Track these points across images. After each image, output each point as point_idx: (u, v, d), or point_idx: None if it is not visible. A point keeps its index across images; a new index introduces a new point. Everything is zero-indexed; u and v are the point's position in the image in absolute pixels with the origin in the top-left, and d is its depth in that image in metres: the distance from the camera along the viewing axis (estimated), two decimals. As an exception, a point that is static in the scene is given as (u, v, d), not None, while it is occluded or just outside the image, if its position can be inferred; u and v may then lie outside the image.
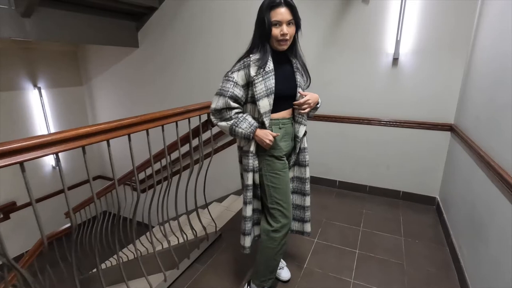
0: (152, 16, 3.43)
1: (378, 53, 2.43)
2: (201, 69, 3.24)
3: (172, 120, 1.50)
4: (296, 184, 1.48)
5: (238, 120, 1.28)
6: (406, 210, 2.49)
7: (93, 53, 4.21)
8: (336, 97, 2.66)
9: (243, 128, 1.27)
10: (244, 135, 1.27)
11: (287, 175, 1.38)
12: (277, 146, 1.33)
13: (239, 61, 1.30)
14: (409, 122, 2.46)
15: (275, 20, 1.20)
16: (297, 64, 1.34)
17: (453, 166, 2.23)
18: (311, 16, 2.57)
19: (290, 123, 1.36)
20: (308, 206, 1.48)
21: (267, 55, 1.25)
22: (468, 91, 2.05)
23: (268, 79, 1.24)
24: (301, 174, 1.45)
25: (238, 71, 1.27)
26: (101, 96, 4.35)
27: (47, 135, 0.98)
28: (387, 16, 2.33)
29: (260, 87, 1.24)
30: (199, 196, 1.98)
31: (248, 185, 1.36)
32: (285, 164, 1.36)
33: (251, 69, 1.24)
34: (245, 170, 1.37)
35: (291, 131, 1.37)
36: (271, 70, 1.25)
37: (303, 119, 1.36)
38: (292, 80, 1.33)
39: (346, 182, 2.85)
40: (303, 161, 1.43)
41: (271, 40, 1.25)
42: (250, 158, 1.33)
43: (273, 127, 1.32)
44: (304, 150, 1.43)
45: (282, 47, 1.26)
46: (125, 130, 1.26)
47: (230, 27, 2.91)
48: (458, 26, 2.15)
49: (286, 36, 1.22)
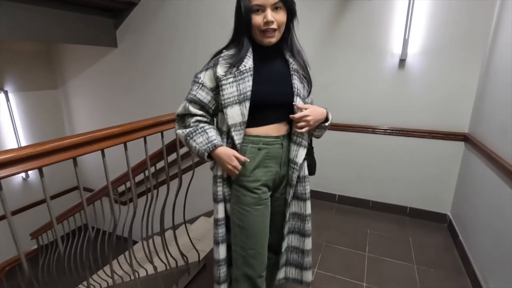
0: (132, 13, 3.10)
1: (383, 53, 2.16)
2: (187, 70, 2.92)
3: (137, 135, 1.18)
4: (294, 222, 1.17)
5: (195, 130, 1.01)
6: (415, 229, 2.22)
7: (68, 53, 3.85)
8: (336, 102, 2.38)
9: (198, 143, 0.99)
10: (198, 152, 0.99)
11: (262, 214, 1.05)
12: (247, 174, 1.02)
13: (211, 58, 1.01)
14: (418, 130, 2.20)
15: (255, 4, 0.90)
16: (294, 65, 1.03)
17: (468, 180, 1.97)
18: (307, 12, 2.29)
19: (278, 144, 1.04)
20: (308, 250, 1.17)
21: (243, 50, 0.96)
22: (487, 97, 1.79)
23: (243, 80, 0.95)
24: (300, 210, 1.14)
25: (206, 71, 1.00)
26: (78, 100, 3.98)
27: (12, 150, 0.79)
28: (393, 12, 2.06)
29: (229, 90, 0.95)
30: (183, 213, 1.67)
31: (218, 220, 1.06)
32: (260, 199, 1.04)
33: (219, 68, 0.96)
34: (214, 200, 1.07)
35: (279, 155, 1.05)
36: (248, 70, 0.96)
37: (303, 139, 1.05)
38: (284, 84, 1.02)
39: (346, 196, 2.57)
40: (302, 194, 1.12)
41: (253, 31, 0.95)
42: (219, 185, 1.04)
43: (250, 146, 1.01)
44: (304, 180, 1.11)
45: (268, 40, 0.95)
46: (67, 153, 0.95)
47: (219, 21, 2.61)
48: (475, 22, 1.89)
49: (271, 24, 0.92)
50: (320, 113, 1.03)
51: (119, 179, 1.69)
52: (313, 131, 1.10)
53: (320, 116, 1.04)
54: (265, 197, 1.07)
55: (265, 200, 1.07)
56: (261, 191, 1.05)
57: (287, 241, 1.19)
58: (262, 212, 1.06)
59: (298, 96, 1.02)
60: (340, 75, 2.34)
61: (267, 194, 1.07)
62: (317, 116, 1.02)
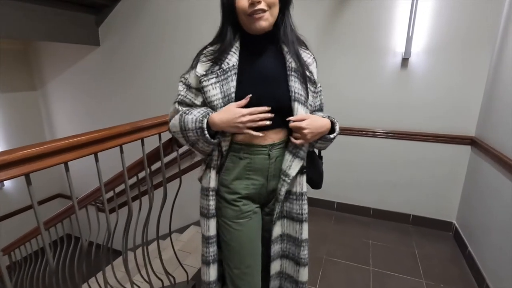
0: (115, 8, 2.89)
1: (384, 52, 2.02)
2: (177, 70, 2.73)
3: (111, 144, 1.00)
4: (287, 245, 1.00)
5: (191, 109, 0.88)
6: (419, 239, 2.08)
7: (47, 52, 3.60)
8: (335, 104, 2.22)
9: (195, 114, 0.83)
10: (196, 121, 0.82)
11: (247, 229, 0.92)
12: (226, 184, 0.91)
13: (195, 56, 0.89)
14: (421, 134, 2.07)
15: None
16: (292, 63, 0.87)
17: (476, 187, 1.85)
18: (303, 7, 2.14)
19: (264, 154, 0.89)
20: (304, 283, 1.00)
21: (226, 42, 0.82)
22: (498, 98, 1.67)
23: (226, 80, 0.81)
24: (295, 232, 0.97)
25: (190, 71, 0.88)
26: (59, 102, 3.72)
27: None
28: (396, 8, 1.93)
29: (213, 92, 0.82)
30: (169, 226, 1.48)
31: (210, 237, 0.92)
32: (241, 212, 0.92)
33: (199, 66, 0.84)
34: (204, 216, 0.93)
35: (265, 166, 0.90)
36: (232, 68, 0.82)
37: (300, 149, 0.90)
38: (277, 85, 0.86)
39: (346, 203, 2.42)
40: (297, 214, 0.95)
41: (240, 19, 0.81)
42: (211, 198, 0.90)
43: (230, 154, 0.89)
44: (300, 197, 0.95)
45: (258, 24, 0.79)
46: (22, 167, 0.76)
47: (210, 15, 2.43)
48: (483, 18, 1.77)
49: (257, 4, 0.76)
50: (320, 125, 0.87)
51: (91, 194, 1.49)
52: (315, 142, 0.94)
53: (321, 129, 0.88)
54: (248, 210, 0.93)
55: (247, 213, 0.93)
56: (242, 203, 0.92)
57: (280, 265, 1.03)
58: (247, 227, 0.92)
59: (296, 101, 0.86)
60: (339, 76, 2.19)
61: (250, 206, 0.93)
62: (316, 129, 0.86)
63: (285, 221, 0.99)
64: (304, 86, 0.88)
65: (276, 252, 0.99)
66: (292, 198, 0.96)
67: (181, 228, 2.79)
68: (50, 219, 1.73)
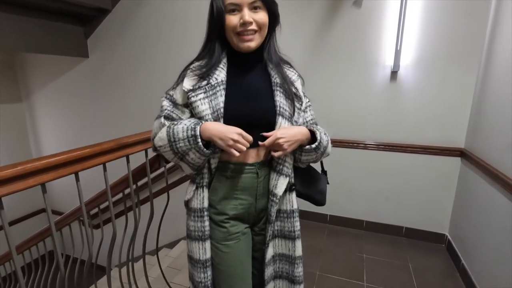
0: (104, 21, 2.87)
1: (374, 65, 2.04)
2: (167, 82, 2.70)
3: (93, 163, 0.95)
4: (280, 265, 0.97)
5: (179, 120, 0.84)
6: (413, 252, 2.06)
7: (34, 63, 3.53)
8: (325, 117, 2.22)
9: (185, 123, 0.80)
10: (187, 130, 0.78)
11: (236, 251, 0.89)
12: (213, 204, 0.88)
13: (181, 72, 0.87)
14: (411, 146, 2.08)
15: (230, 2, 0.77)
16: (277, 79, 0.87)
17: (467, 198, 1.85)
18: (293, 19, 2.15)
19: (252, 173, 0.87)
20: None
21: (214, 58, 0.82)
22: (486, 110, 1.69)
23: (215, 96, 0.80)
24: (288, 250, 0.94)
25: (176, 87, 0.86)
26: (46, 114, 3.63)
27: None
28: (384, 21, 1.96)
29: (201, 108, 0.80)
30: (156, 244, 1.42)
31: (207, 260, 0.88)
32: (229, 234, 0.89)
33: (185, 81, 0.82)
34: (199, 239, 0.87)
35: (253, 185, 0.88)
36: (221, 83, 0.81)
37: (284, 166, 0.87)
38: (264, 101, 0.86)
39: (338, 216, 2.39)
40: (289, 232, 0.93)
41: (228, 35, 0.81)
42: (205, 219, 0.87)
43: (217, 173, 0.87)
44: (291, 215, 0.92)
45: (246, 45, 0.80)
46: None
47: (199, 30, 2.43)
48: (469, 32, 1.81)
49: (249, 25, 0.77)
50: (295, 132, 0.84)
51: (74, 212, 1.42)
52: (299, 155, 0.90)
53: (298, 136, 0.84)
54: (236, 231, 0.89)
55: (236, 234, 0.89)
56: (230, 224, 0.88)
57: (274, 286, 0.98)
58: (236, 249, 0.88)
59: (280, 115, 0.84)
60: (329, 88, 2.20)
61: (239, 227, 0.90)
62: (292, 136, 0.83)
63: (276, 240, 0.95)
64: (290, 102, 0.88)
65: (269, 275, 0.95)
66: (283, 216, 0.93)
67: (171, 243, 2.70)
68: (30, 239, 1.65)
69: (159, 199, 1.74)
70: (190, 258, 0.92)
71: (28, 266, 2.19)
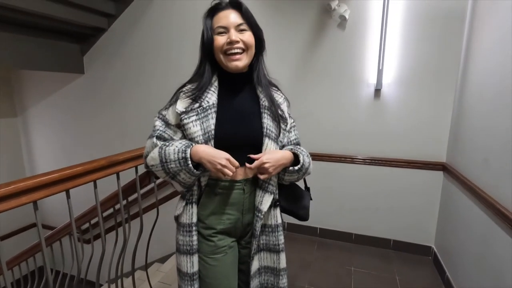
0: (100, 39, 2.96)
1: (359, 83, 2.14)
2: (161, 100, 2.77)
3: (84, 180, 1.00)
4: (266, 277, 1.01)
5: (170, 141, 0.89)
6: (400, 265, 2.10)
7: (29, 78, 3.58)
8: (314, 132, 2.30)
9: (176, 145, 0.85)
10: (178, 152, 0.83)
11: (222, 264, 0.93)
12: (201, 219, 0.93)
13: (174, 93, 0.92)
14: (396, 160, 2.15)
15: (219, 25, 0.85)
16: (265, 102, 0.94)
17: (450, 212, 1.91)
18: (281, 42, 2.26)
19: (239, 189, 0.92)
20: None
21: (207, 81, 0.88)
22: (463, 126, 1.78)
23: (206, 118, 0.86)
24: (273, 263, 0.99)
25: (169, 107, 0.91)
26: (40, 129, 3.66)
27: None
28: (366, 43, 2.07)
29: (193, 129, 0.85)
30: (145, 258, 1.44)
31: (194, 273, 0.92)
32: (216, 247, 0.93)
33: (179, 103, 0.87)
34: (186, 253, 0.91)
35: (240, 201, 0.93)
36: (212, 106, 0.87)
37: (269, 184, 0.93)
38: (253, 123, 0.92)
39: (328, 229, 2.43)
40: (274, 245, 0.98)
41: (217, 56, 0.88)
42: (193, 234, 0.91)
43: (206, 190, 0.92)
44: (276, 229, 0.97)
45: (234, 64, 0.87)
46: None
47: (193, 50, 2.53)
48: (444, 52, 1.93)
49: (236, 43, 0.84)
50: (279, 157, 0.90)
51: (64, 228, 1.45)
52: (282, 175, 0.97)
53: (282, 160, 0.91)
54: (223, 245, 0.94)
55: (223, 248, 0.93)
56: (217, 238, 0.93)
57: None
58: (222, 262, 0.93)
59: (267, 136, 0.91)
60: (317, 105, 2.29)
61: (226, 241, 0.94)
62: (276, 161, 0.89)
63: (261, 254, 1.00)
64: (276, 124, 0.94)
65: (255, 287, 1.00)
66: (268, 230, 0.98)
67: (163, 258, 2.69)
68: (20, 254, 1.66)
69: (149, 214, 1.78)
70: (178, 271, 0.96)
71: (17, 282, 2.18)
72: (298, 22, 2.20)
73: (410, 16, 1.95)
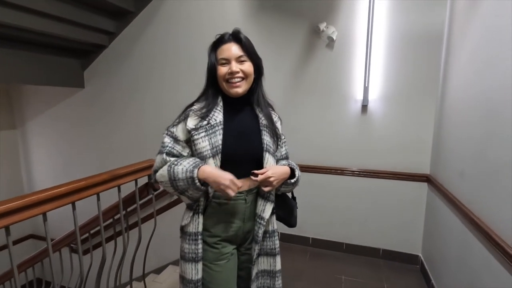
0: (101, 55, 3.08)
1: (346, 99, 2.27)
2: (160, 115, 2.87)
3: (88, 193, 1.08)
4: (262, 280, 1.10)
5: (179, 160, 0.97)
6: (389, 273, 2.17)
7: (29, 90, 3.67)
8: (305, 145, 2.41)
9: (184, 165, 0.93)
10: (186, 171, 0.92)
11: (225, 269, 1.02)
12: (206, 228, 1.01)
13: (182, 112, 1.02)
14: (384, 172, 2.26)
15: (221, 57, 0.97)
16: (263, 120, 1.06)
17: (434, 222, 2.01)
18: (273, 57, 2.39)
19: (241, 200, 1.02)
20: None
21: (213, 102, 0.99)
22: (443, 139, 1.90)
23: (214, 134, 0.96)
24: (270, 266, 1.09)
25: (178, 124, 1.00)
26: (38, 142, 3.72)
27: None
28: (353, 62, 2.21)
29: (202, 144, 0.95)
30: (143, 268, 1.50)
31: (198, 280, 0.98)
32: (220, 254, 1.02)
33: (189, 121, 0.97)
34: (191, 260, 0.99)
35: (242, 210, 1.03)
36: (219, 123, 0.97)
37: (270, 193, 1.05)
38: (254, 139, 1.03)
39: (320, 239, 2.51)
40: (271, 249, 1.08)
41: (220, 83, 1.00)
42: (199, 242, 0.98)
43: (212, 201, 1.01)
44: (273, 234, 1.08)
45: (234, 90, 0.99)
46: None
47: (188, 69, 2.65)
48: (425, 69, 2.07)
49: (235, 73, 0.96)
50: (282, 172, 1.03)
51: (65, 238, 1.52)
52: (279, 187, 1.08)
53: (283, 175, 1.03)
54: (226, 252, 1.03)
55: (226, 254, 1.02)
56: (221, 246, 1.02)
57: None
58: (225, 268, 1.01)
59: (267, 151, 1.02)
60: (307, 119, 2.40)
61: (228, 248, 1.03)
62: (280, 175, 1.01)
63: (260, 258, 1.09)
64: (274, 140, 1.07)
65: None
66: (266, 236, 1.08)
67: (159, 269, 2.74)
68: (21, 263, 1.71)
69: (145, 225, 1.85)
70: (182, 279, 1.03)
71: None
72: (289, 42, 2.34)
73: (393, 37, 2.10)
